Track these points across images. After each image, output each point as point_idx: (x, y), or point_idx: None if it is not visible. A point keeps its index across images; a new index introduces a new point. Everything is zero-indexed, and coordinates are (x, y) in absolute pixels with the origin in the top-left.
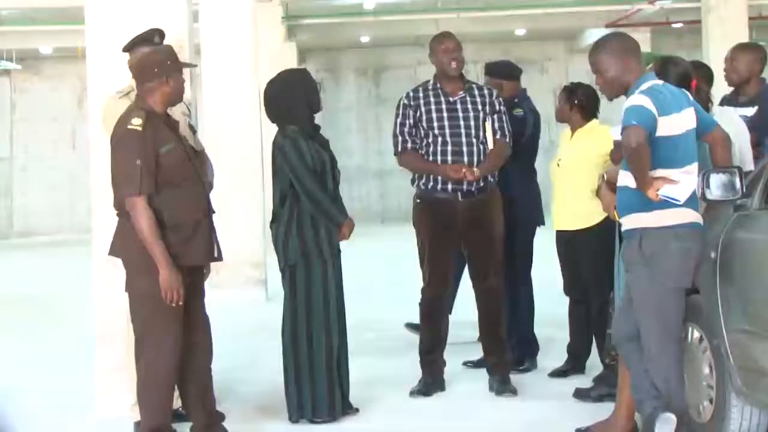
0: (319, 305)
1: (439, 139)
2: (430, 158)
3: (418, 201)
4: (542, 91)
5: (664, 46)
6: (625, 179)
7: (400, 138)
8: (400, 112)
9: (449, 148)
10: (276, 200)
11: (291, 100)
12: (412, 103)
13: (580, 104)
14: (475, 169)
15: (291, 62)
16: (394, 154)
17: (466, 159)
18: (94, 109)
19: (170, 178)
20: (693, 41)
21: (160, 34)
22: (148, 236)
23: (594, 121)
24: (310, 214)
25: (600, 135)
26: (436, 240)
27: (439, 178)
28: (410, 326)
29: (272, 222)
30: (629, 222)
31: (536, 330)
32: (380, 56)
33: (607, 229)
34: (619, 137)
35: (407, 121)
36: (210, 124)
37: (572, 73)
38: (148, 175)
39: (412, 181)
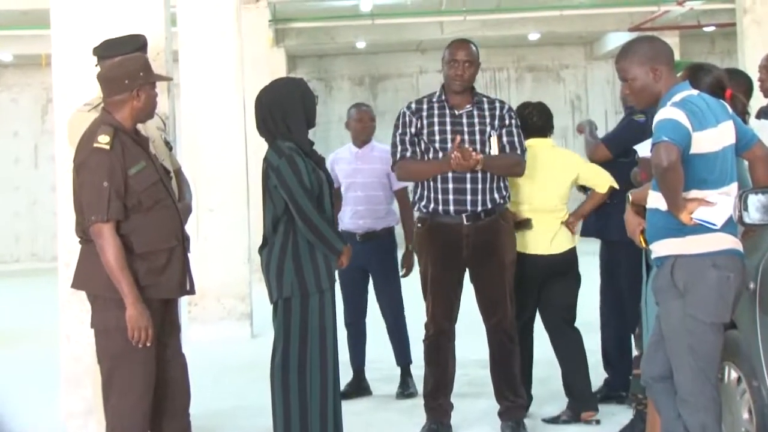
0: (315, 342)
1: (440, 155)
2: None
3: (420, 226)
4: (558, 102)
5: (694, 52)
6: (655, 201)
7: (399, 147)
8: (401, 122)
9: (451, 139)
10: (268, 224)
11: (288, 113)
12: (414, 113)
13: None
14: (474, 153)
15: (279, 70)
16: (391, 166)
17: (468, 177)
18: (59, 123)
19: (141, 202)
20: (727, 46)
21: (140, 41)
22: (114, 267)
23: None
24: (307, 241)
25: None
26: (439, 268)
27: (441, 198)
28: None
29: (261, 248)
30: (660, 249)
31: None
32: (378, 63)
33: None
34: (648, 154)
35: (408, 131)
36: (189, 139)
37: (591, 81)
38: (117, 199)
39: (413, 204)
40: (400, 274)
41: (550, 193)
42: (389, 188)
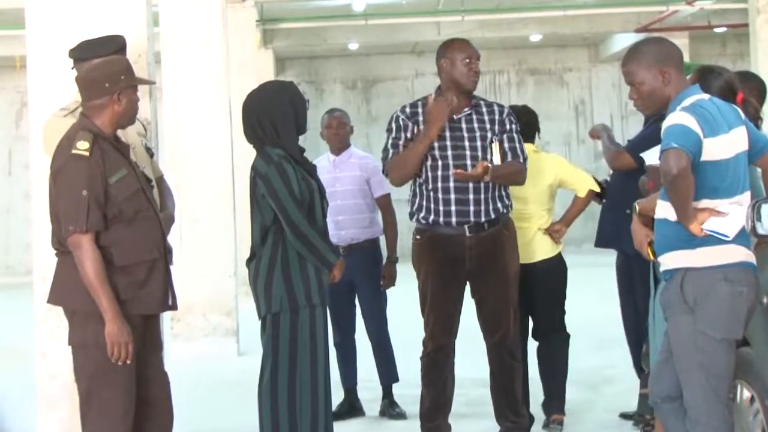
0: (305, 360)
1: (440, 162)
2: (429, 186)
3: (418, 238)
4: (561, 107)
5: (704, 54)
6: (664, 211)
7: (391, 151)
8: (394, 125)
9: (451, 173)
10: (256, 236)
11: (277, 118)
12: (409, 118)
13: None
14: (486, 164)
15: (267, 72)
16: (383, 171)
17: (471, 187)
18: (34, 128)
19: (121, 212)
20: (739, 48)
21: (120, 42)
22: (93, 280)
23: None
24: (297, 253)
25: None
26: (441, 282)
27: (442, 210)
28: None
29: (249, 260)
30: (668, 261)
31: None
32: (371, 66)
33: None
34: (656, 162)
35: (402, 135)
36: (171, 145)
37: (596, 85)
38: (96, 209)
39: (411, 215)
40: (381, 284)
41: (527, 198)
42: (371, 196)
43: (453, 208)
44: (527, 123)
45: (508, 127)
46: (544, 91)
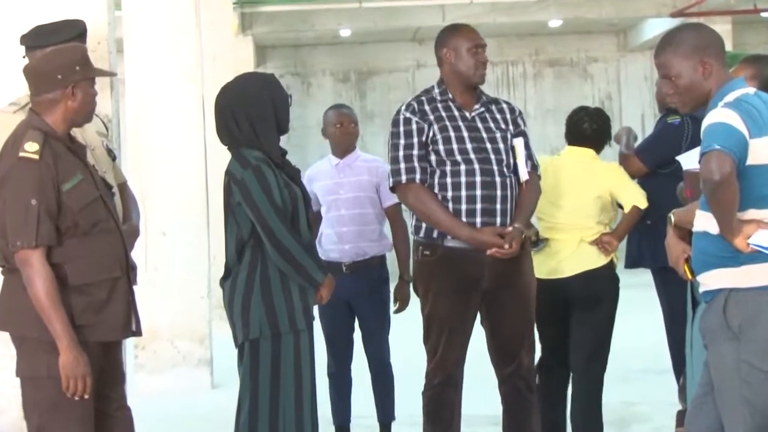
0: (288, 393)
1: (462, 168)
2: (449, 193)
3: (427, 254)
4: (585, 103)
5: (749, 42)
6: (704, 223)
7: (403, 165)
8: (403, 129)
9: (478, 180)
10: (231, 250)
11: (254, 116)
12: (419, 117)
13: None
14: (510, 227)
15: (246, 63)
16: (390, 186)
17: (498, 196)
18: None
19: (77, 224)
20: None
21: (78, 28)
22: (45, 302)
23: None
24: (279, 271)
25: None
26: (455, 306)
27: (465, 222)
28: None
29: (224, 279)
30: (709, 281)
31: None
32: (366, 56)
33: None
34: (695, 166)
35: (416, 142)
36: (136, 146)
37: (625, 78)
38: (48, 221)
39: (417, 228)
40: (392, 310)
41: (571, 209)
42: (379, 205)
43: (479, 219)
44: (600, 129)
45: (522, 127)
46: (565, 85)
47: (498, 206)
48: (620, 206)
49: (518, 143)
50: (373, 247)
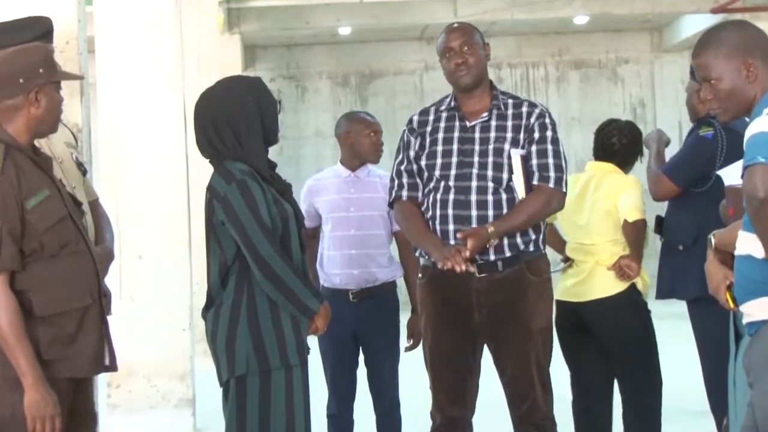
0: None
1: (441, 184)
2: (429, 213)
3: (420, 276)
4: (615, 109)
5: None
6: (748, 245)
7: (396, 182)
8: (400, 144)
9: (450, 199)
10: (214, 276)
11: (238, 125)
12: (415, 130)
13: None
14: (468, 241)
15: (233, 65)
16: (388, 204)
17: (474, 216)
18: None
19: (43, 246)
20: None
21: (43, 25)
22: (8, 335)
23: None
24: (267, 299)
25: None
26: (443, 336)
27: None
28: None
29: (206, 309)
30: (755, 310)
31: None
32: (368, 57)
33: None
34: (737, 181)
35: (406, 157)
36: (109, 159)
37: (660, 81)
38: (10, 243)
39: (415, 248)
40: (406, 346)
41: (587, 228)
42: (390, 227)
43: (452, 242)
44: (630, 144)
45: (539, 134)
46: (592, 90)
47: (475, 225)
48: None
49: (517, 156)
50: (384, 272)
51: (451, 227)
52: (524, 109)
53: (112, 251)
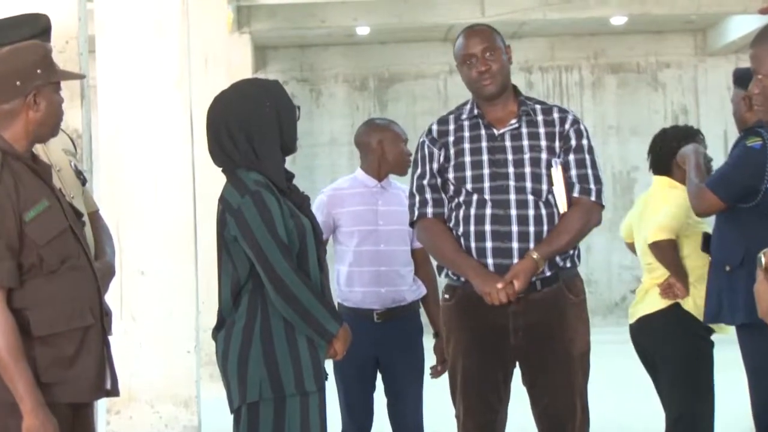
0: None
1: (474, 198)
2: (460, 229)
3: (447, 297)
4: (656, 117)
5: None
6: None
7: (417, 198)
8: (419, 155)
9: (487, 213)
10: (225, 295)
11: (255, 132)
12: (437, 140)
13: None
14: (515, 281)
15: (243, 66)
16: (410, 224)
17: (514, 232)
18: None
19: (42, 261)
20: None
21: (41, 23)
22: (5, 357)
23: None
24: (283, 320)
25: None
26: (474, 362)
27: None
28: None
29: (217, 330)
30: None
31: None
32: (388, 59)
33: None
34: None
35: (427, 169)
36: (110, 167)
37: (704, 87)
38: (8, 258)
39: (439, 269)
40: (430, 372)
41: (645, 248)
42: (410, 243)
43: (490, 260)
44: (667, 147)
45: (575, 142)
46: (631, 96)
47: (514, 245)
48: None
49: (557, 167)
50: (411, 291)
51: (488, 244)
52: (556, 115)
53: (113, 266)
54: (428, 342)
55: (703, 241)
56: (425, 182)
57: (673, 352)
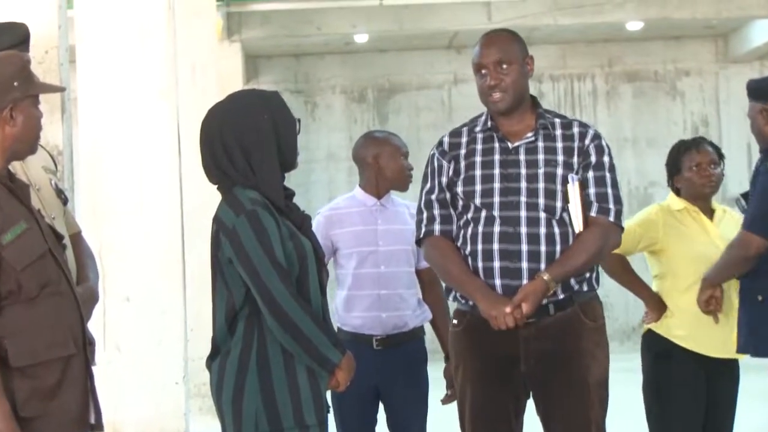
0: None
1: (483, 214)
2: (467, 248)
3: (455, 323)
4: (675, 129)
5: None
6: None
7: (425, 214)
8: (429, 169)
9: (496, 231)
10: (220, 321)
11: (251, 146)
12: (447, 153)
13: None
14: (523, 304)
15: (233, 77)
16: (416, 241)
17: (524, 251)
18: None
19: (20, 287)
20: None
21: (19, 32)
22: None
23: None
24: (281, 349)
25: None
26: (484, 391)
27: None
28: None
29: (211, 359)
30: None
31: None
32: (388, 68)
33: None
34: None
35: (437, 184)
36: (92, 185)
37: (726, 96)
38: None
39: (448, 291)
40: (440, 399)
41: None
42: (415, 263)
43: (498, 281)
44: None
45: (594, 159)
46: (648, 106)
47: (523, 265)
48: None
49: (575, 184)
50: (415, 316)
51: (496, 264)
52: (576, 130)
53: (96, 292)
54: (436, 368)
55: None
56: (433, 197)
57: (643, 375)
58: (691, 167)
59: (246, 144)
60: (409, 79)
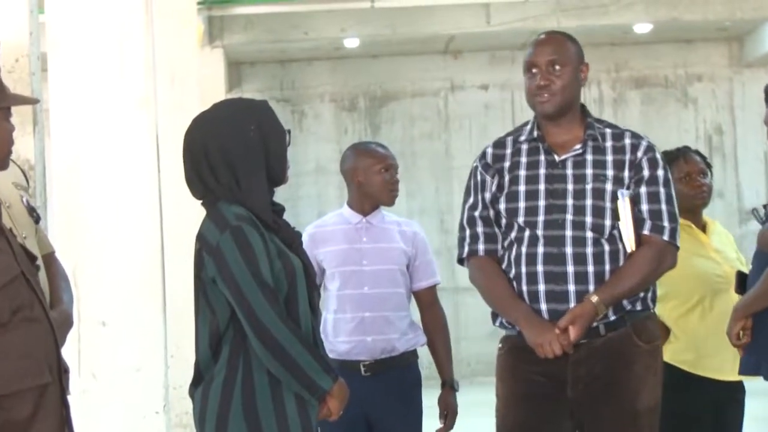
0: None
1: (526, 234)
2: (512, 270)
3: (500, 346)
4: (687, 137)
5: None
6: None
7: (468, 231)
8: (471, 183)
9: (539, 251)
10: (203, 346)
11: (239, 158)
12: (491, 166)
13: None
14: (570, 328)
15: (215, 85)
16: (458, 260)
17: (570, 273)
18: None
19: None
20: None
21: None
22: None
23: None
24: (268, 374)
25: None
26: (525, 414)
27: (527, 301)
28: None
29: (194, 386)
30: None
31: None
32: (381, 75)
33: None
34: None
35: (480, 199)
36: (65, 202)
37: (741, 102)
38: None
39: (494, 316)
40: (437, 429)
41: None
42: (410, 284)
43: (543, 306)
44: None
45: (648, 173)
46: (658, 113)
47: (570, 287)
48: None
49: (625, 200)
50: (404, 340)
51: (541, 287)
52: (627, 141)
53: (70, 316)
54: (431, 395)
55: (737, 282)
56: (476, 214)
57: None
58: (681, 178)
59: (232, 156)
60: (402, 86)
